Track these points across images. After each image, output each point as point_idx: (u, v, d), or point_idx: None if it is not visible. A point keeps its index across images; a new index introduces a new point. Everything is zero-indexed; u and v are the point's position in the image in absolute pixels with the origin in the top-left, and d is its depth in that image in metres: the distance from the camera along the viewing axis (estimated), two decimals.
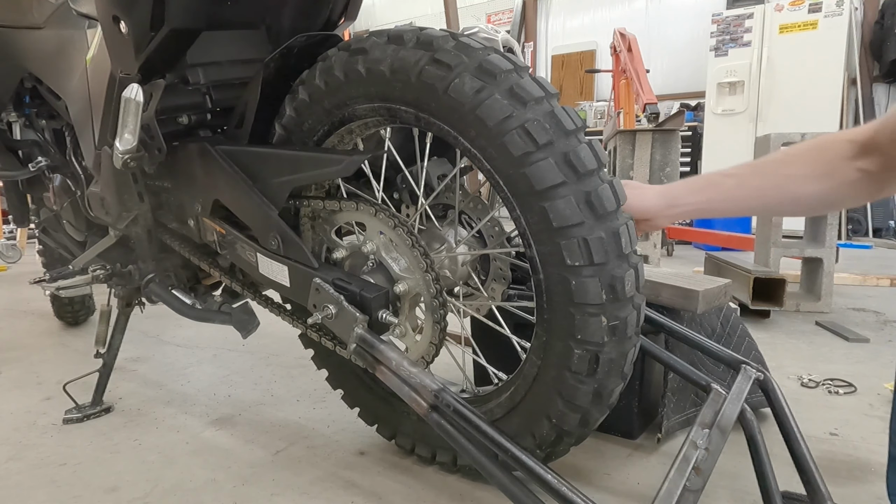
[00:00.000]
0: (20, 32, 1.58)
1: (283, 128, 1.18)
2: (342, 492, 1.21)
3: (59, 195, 1.67)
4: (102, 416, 1.59)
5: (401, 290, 1.07)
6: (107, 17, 1.09)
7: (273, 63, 1.15)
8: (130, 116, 1.09)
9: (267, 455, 1.37)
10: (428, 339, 1.09)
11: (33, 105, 1.75)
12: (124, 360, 1.92)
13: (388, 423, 1.32)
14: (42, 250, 2.24)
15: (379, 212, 1.07)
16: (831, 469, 0.99)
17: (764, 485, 1.02)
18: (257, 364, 1.97)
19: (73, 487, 1.25)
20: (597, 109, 7.68)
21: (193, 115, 1.26)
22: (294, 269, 1.12)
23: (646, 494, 1.17)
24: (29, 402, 1.70)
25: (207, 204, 1.24)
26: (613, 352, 0.93)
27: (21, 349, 2.18)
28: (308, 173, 1.08)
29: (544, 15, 8.67)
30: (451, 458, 1.22)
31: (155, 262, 1.44)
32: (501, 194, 0.94)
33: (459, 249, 1.16)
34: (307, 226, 1.23)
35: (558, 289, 0.92)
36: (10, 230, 4.17)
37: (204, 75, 1.22)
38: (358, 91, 1.05)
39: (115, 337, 1.65)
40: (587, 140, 0.93)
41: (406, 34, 0.99)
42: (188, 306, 1.40)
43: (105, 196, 1.33)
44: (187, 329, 2.31)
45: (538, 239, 0.91)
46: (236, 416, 1.58)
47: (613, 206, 0.91)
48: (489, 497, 1.18)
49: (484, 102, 0.90)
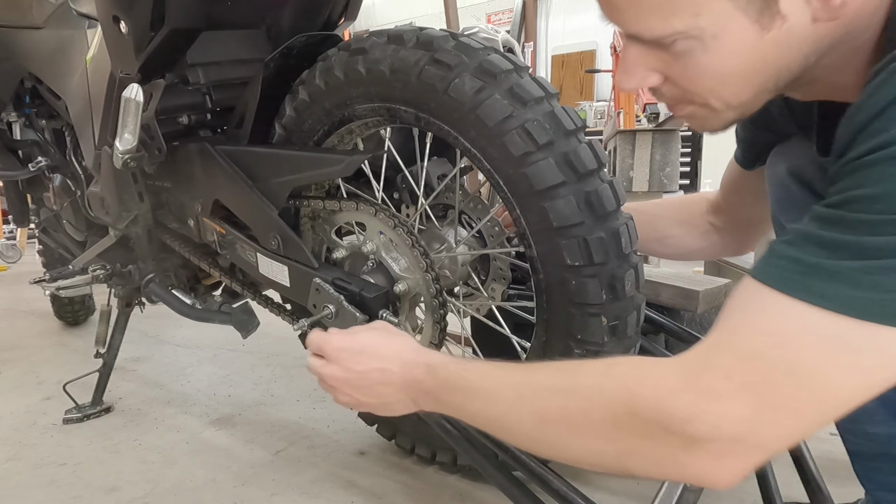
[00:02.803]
0: (20, 32, 1.57)
1: (283, 128, 1.18)
2: (342, 492, 1.21)
3: (59, 195, 1.67)
4: (102, 416, 1.59)
5: (401, 290, 1.07)
6: (107, 17, 1.09)
7: (273, 63, 1.15)
8: (130, 116, 1.09)
9: (267, 455, 1.37)
10: (428, 338, 1.09)
11: (33, 105, 1.75)
12: (124, 360, 1.92)
13: (388, 423, 1.32)
14: (42, 250, 2.24)
15: (379, 212, 1.07)
16: (831, 469, 0.99)
17: (764, 485, 1.02)
18: (257, 364, 1.97)
19: (73, 487, 1.26)
20: (597, 109, 7.68)
21: (193, 115, 1.26)
22: (294, 269, 1.12)
23: (646, 494, 1.17)
24: (29, 402, 1.70)
25: (207, 204, 1.24)
26: (613, 352, 0.93)
27: (21, 349, 2.18)
28: (308, 173, 1.08)
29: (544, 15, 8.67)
30: (451, 458, 1.22)
31: (155, 262, 1.44)
32: (501, 194, 0.94)
33: (459, 249, 1.16)
34: (307, 226, 1.23)
35: (558, 289, 0.92)
36: (10, 230, 4.17)
37: (204, 75, 1.22)
38: (358, 91, 1.05)
39: (115, 337, 1.65)
40: (587, 140, 0.93)
41: (406, 34, 0.99)
42: (188, 306, 1.40)
43: (105, 196, 1.33)
44: (187, 329, 2.31)
45: (538, 239, 0.91)
46: (236, 416, 1.58)
47: (613, 206, 0.91)
48: (489, 497, 1.18)
49: (484, 102, 0.90)
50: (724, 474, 0.52)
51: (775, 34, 0.54)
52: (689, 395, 0.51)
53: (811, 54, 0.56)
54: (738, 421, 0.50)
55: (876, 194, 0.46)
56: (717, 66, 0.57)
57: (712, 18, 0.53)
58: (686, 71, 0.58)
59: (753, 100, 0.61)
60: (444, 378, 0.71)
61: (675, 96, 0.63)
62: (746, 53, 0.55)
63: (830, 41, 0.55)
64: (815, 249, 0.48)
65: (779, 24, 0.53)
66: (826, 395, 0.49)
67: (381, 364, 0.76)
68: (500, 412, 0.64)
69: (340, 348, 0.79)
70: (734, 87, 0.59)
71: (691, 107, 0.63)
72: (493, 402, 0.65)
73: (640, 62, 0.60)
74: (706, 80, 0.58)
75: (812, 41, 0.55)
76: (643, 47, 0.59)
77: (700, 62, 0.57)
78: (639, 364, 0.58)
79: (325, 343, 0.81)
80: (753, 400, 0.49)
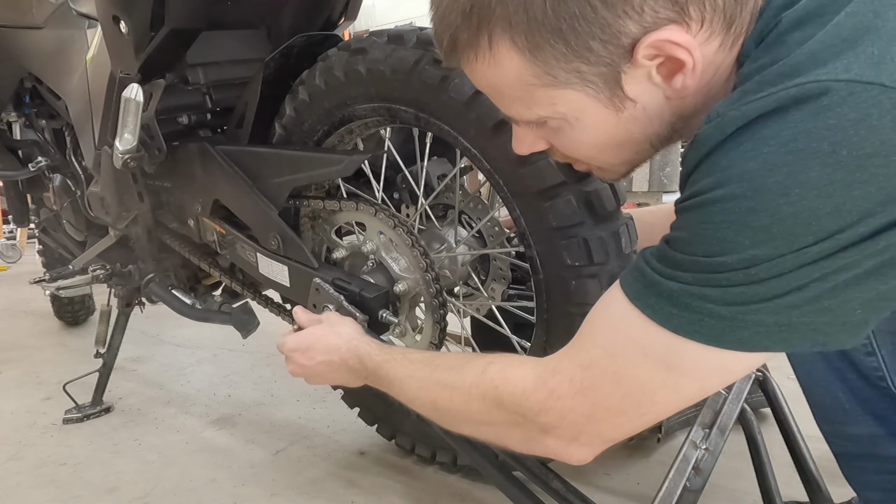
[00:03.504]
0: (20, 32, 1.57)
1: (283, 128, 1.18)
2: (342, 492, 1.21)
3: (59, 195, 1.67)
4: (102, 416, 1.59)
5: (401, 290, 1.07)
6: (107, 17, 1.09)
7: (273, 63, 1.15)
8: (130, 116, 1.09)
9: (267, 455, 1.37)
10: (428, 338, 1.09)
11: (33, 105, 1.75)
12: (124, 360, 1.91)
13: (388, 423, 1.32)
14: (42, 250, 2.23)
15: (379, 212, 1.07)
16: (831, 469, 0.99)
17: (764, 485, 1.02)
18: (257, 364, 1.97)
19: (73, 487, 1.26)
20: None
21: (193, 115, 1.26)
22: (294, 269, 1.12)
23: (646, 494, 1.17)
24: (29, 402, 1.70)
25: (207, 204, 1.24)
26: None
27: (21, 349, 2.18)
28: (308, 173, 1.08)
29: None
30: (451, 458, 1.22)
31: (155, 262, 1.44)
32: (501, 194, 0.94)
33: (459, 249, 1.16)
34: (307, 226, 1.23)
35: (558, 289, 0.92)
36: (10, 230, 4.17)
37: (204, 75, 1.22)
38: (358, 91, 1.05)
39: (115, 337, 1.65)
40: None
41: (406, 34, 0.99)
42: (188, 306, 1.40)
43: (105, 196, 1.33)
44: (187, 329, 2.31)
45: (538, 239, 0.91)
46: (236, 416, 1.58)
47: (613, 206, 0.91)
48: (489, 497, 1.18)
49: (484, 102, 0.90)
50: (576, 454, 0.65)
51: (631, 112, 0.59)
52: (540, 393, 0.64)
53: (676, 121, 0.61)
54: (577, 417, 0.62)
55: (683, 238, 0.53)
56: (588, 140, 0.63)
57: (568, 105, 0.59)
58: (564, 143, 0.65)
59: (636, 157, 0.67)
60: (371, 368, 0.85)
61: (565, 158, 0.70)
62: (609, 129, 0.61)
63: (692, 108, 0.60)
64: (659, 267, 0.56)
65: (631, 105, 0.58)
66: (645, 402, 0.59)
67: (325, 357, 0.91)
68: (409, 399, 0.80)
69: (292, 349, 0.94)
70: (609, 155, 0.66)
71: (583, 165, 0.71)
72: (403, 391, 0.81)
73: (527, 133, 0.67)
74: (582, 150, 0.65)
75: (671, 112, 0.60)
76: (525, 124, 0.65)
77: (572, 136, 0.63)
78: (508, 364, 0.70)
79: (282, 346, 0.96)
80: (588, 402, 0.62)
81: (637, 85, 0.57)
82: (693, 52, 0.54)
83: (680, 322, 0.54)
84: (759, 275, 0.49)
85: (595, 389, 0.61)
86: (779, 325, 0.51)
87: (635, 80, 0.57)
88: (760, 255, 0.48)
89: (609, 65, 0.55)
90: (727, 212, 0.49)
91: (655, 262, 0.56)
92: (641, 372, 0.58)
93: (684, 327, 0.54)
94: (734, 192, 0.48)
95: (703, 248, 0.51)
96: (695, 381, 0.57)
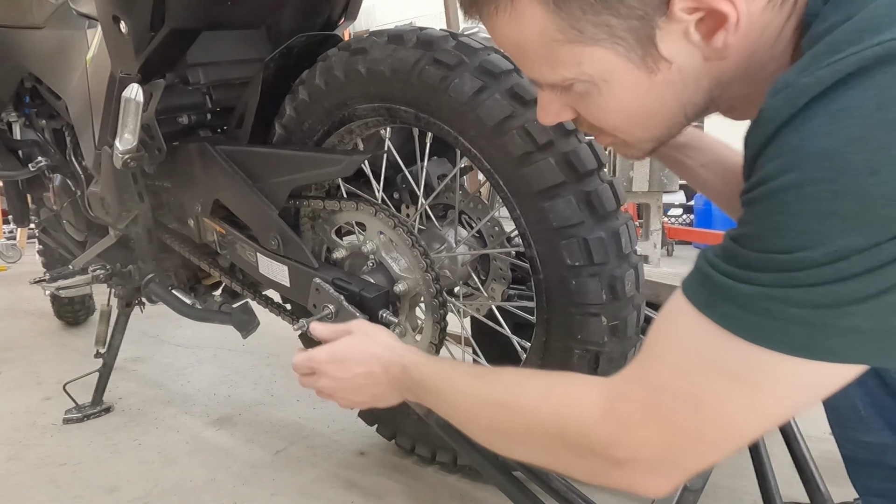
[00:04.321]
0: (20, 32, 1.57)
1: (283, 128, 1.18)
2: (342, 492, 1.21)
3: (59, 195, 1.67)
4: (102, 416, 1.59)
5: (401, 290, 1.07)
6: (107, 17, 1.09)
7: (273, 63, 1.15)
8: (130, 116, 1.09)
9: (267, 455, 1.37)
10: (428, 338, 1.09)
11: (33, 105, 1.75)
12: (124, 360, 1.92)
13: (388, 423, 1.32)
14: (42, 250, 2.24)
15: (379, 212, 1.07)
16: (831, 469, 0.99)
17: (764, 485, 1.02)
18: (257, 364, 1.97)
19: (73, 487, 1.26)
20: None
21: (193, 115, 1.26)
22: (294, 269, 1.12)
23: None
24: (29, 402, 1.70)
25: (207, 204, 1.24)
26: (614, 352, 0.93)
27: (21, 349, 2.18)
28: (308, 173, 1.08)
29: None
30: (451, 458, 1.22)
31: (155, 262, 1.44)
32: (501, 194, 0.94)
33: (459, 249, 1.16)
34: (307, 226, 1.23)
35: (558, 289, 0.92)
36: (10, 230, 4.17)
37: (204, 75, 1.22)
38: (358, 91, 1.05)
39: (115, 337, 1.65)
40: (587, 140, 0.93)
41: (406, 34, 0.99)
42: (188, 306, 1.40)
43: (105, 196, 1.33)
44: (187, 329, 2.31)
45: (538, 239, 0.91)
46: (236, 416, 1.58)
47: (613, 206, 0.91)
48: (489, 497, 1.18)
49: (484, 102, 0.90)
50: (652, 487, 0.56)
51: (665, 76, 0.54)
52: (609, 423, 0.56)
53: (713, 88, 0.56)
54: (653, 447, 0.54)
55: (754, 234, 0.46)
56: (616, 107, 0.58)
57: (596, 66, 0.54)
58: (590, 110, 0.60)
59: (666, 132, 0.61)
60: (417, 379, 0.76)
61: (591, 129, 0.65)
62: (641, 94, 0.56)
63: (733, 74, 0.54)
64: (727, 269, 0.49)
65: (665, 66, 0.53)
66: (727, 426, 0.51)
67: (364, 368, 0.81)
68: (461, 418, 0.72)
69: (325, 361, 0.86)
70: (638, 125, 0.60)
71: (609, 138, 0.65)
72: (455, 407, 0.72)
73: (552, 100, 0.62)
74: (610, 118, 0.60)
75: (710, 77, 0.55)
76: (550, 89, 0.61)
77: (600, 103, 0.58)
78: (572, 389, 0.62)
79: (310, 360, 0.88)
80: (664, 429, 0.53)
81: (673, 43, 0.51)
82: (738, 3, 0.47)
83: (759, 331, 0.46)
84: (851, 270, 0.41)
85: (669, 415, 0.52)
86: (877, 331, 0.43)
87: (671, 37, 0.51)
88: (851, 246, 0.41)
89: (642, 18, 0.50)
90: (806, 198, 0.42)
91: (723, 263, 0.48)
92: (720, 392, 0.50)
93: (764, 337, 0.46)
94: (813, 176, 0.41)
95: (781, 243, 0.44)
96: (782, 399, 0.49)
